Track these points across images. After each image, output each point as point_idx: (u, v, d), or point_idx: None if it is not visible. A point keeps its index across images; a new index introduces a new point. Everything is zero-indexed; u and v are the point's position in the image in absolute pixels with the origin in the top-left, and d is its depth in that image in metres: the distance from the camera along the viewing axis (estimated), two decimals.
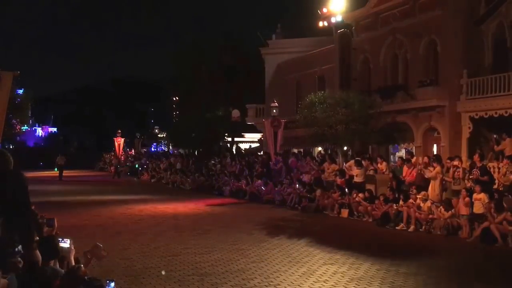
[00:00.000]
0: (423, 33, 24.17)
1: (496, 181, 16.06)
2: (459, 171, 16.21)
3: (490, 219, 13.29)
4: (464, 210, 14.28)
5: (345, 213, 18.34)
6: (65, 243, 6.02)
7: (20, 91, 24.52)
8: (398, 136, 25.69)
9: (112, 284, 5.21)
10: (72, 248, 6.13)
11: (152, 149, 70.52)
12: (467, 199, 14.44)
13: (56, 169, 40.03)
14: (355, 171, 19.82)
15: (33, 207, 8.87)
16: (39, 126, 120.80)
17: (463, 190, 14.95)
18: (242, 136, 47.65)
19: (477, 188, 14.36)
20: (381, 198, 17.14)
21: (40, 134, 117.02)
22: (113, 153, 54.28)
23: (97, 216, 18.10)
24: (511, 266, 11.07)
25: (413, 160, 18.95)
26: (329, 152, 25.32)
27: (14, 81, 18.22)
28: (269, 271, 9.96)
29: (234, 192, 25.38)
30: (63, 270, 5.54)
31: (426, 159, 18.22)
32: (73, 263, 5.99)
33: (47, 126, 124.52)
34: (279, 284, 8.99)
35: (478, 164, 16.28)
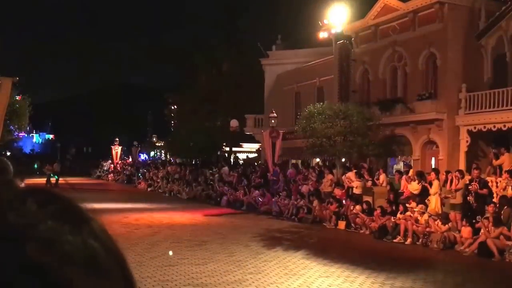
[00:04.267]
0: (423, 46, 24.24)
1: (494, 195, 16.03)
2: (455, 184, 16.16)
3: (486, 233, 13.25)
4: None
5: (342, 224, 18.28)
6: None
7: (18, 97, 24.48)
8: (396, 148, 25.69)
9: None
10: None
11: (141, 158, 69.67)
12: None
13: (53, 175, 39.96)
14: (355, 182, 19.78)
15: None
16: (36, 133, 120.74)
17: None
18: (240, 146, 47.63)
19: None
20: (379, 210, 17.10)
21: (38, 141, 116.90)
22: (110, 161, 54.31)
23: None
24: (508, 281, 11.01)
25: (410, 173, 18.86)
26: (327, 163, 25.31)
27: (13, 87, 18.21)
28: (265, 282, 9.90)
29: (231, 202, 25.30)
30: None
31: (412, 173, 18.27)
32: None
33: (44, 133, 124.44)
34: None
35: (477, 178, 16.25)
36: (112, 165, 52.76)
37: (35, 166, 57.10)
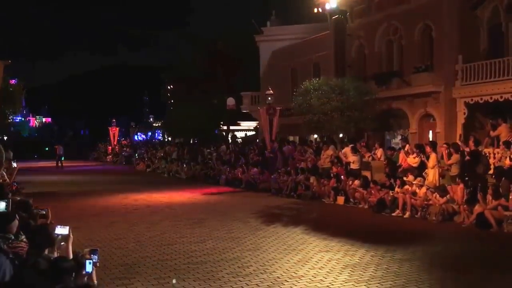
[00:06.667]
0: (418, 19, 24.05)
1: (492, 167, 16.02)
2: (446, 158, 16.14)
3: (483, 205, 13.27)
4: (460, 196, 14.28)
5: (341, 200, 18.31)
6: (64, 229, 5.90)
7: (13, 81, 24.40)
8: (393, 122, 25.66)
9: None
10: (71, 235, 6.03)
11: (136, 139, 69.46)
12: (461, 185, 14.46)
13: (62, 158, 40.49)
14: (351, 157, 19.76)
15: (29, 199, 8.82)
16: (33, 117, 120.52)
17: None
18: (238, 124, 47.54)
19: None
20: (375, 184, 17.11)
21: (35, 125, 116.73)
22: (108, 143, 54.31)
23: (93, 206, 18.05)
24: (506, 252, 11.06)
25: (406, 147, 18.81)
26: (325, 139, 25.27)
27: (6, 71, 18.09)
28: (264, 259, 9.94)
29: (230, 181, 25.33)
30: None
31: (408, 147, 18.29)
32: (71, 251, 5.90)
33: (41, 116, 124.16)
34: (274, 272, 8.97)
35: (473, 148, 16.20)
36: (110, 147, 52.71)
37: (46, 149, 58.31)
